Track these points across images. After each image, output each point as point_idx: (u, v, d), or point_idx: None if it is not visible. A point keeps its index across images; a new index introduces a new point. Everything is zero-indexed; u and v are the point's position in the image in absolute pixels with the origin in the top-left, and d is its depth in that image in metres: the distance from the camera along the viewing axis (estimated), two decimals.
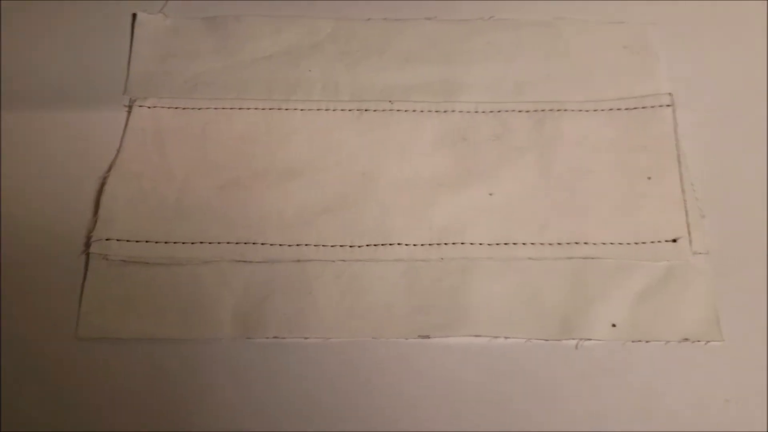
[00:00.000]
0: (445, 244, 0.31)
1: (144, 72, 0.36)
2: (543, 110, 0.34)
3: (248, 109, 0.35)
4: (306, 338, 0.29)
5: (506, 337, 0.29)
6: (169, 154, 0.33)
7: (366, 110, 0.34)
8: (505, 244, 0.31)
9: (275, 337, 0.29)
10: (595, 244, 0.31)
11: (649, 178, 0.32)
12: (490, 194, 0.32)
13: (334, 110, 0.35)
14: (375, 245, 0.31)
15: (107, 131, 0.34)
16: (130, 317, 0.30)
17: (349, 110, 0.34)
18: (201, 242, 0.31)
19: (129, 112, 0.35)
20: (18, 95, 0.36)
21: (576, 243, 0.31)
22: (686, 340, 0.29)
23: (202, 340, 0.29)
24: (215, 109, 0.35)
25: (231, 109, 0.35)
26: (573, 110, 0.34)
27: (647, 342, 0.29)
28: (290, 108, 0.35)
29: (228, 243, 0.31)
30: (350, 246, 0.31)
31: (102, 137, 0.34)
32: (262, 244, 0.31)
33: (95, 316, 0.30)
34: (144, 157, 0.33)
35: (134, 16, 0.37)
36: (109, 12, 0.38)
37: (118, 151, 0.33)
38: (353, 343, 0.29)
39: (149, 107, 0.34)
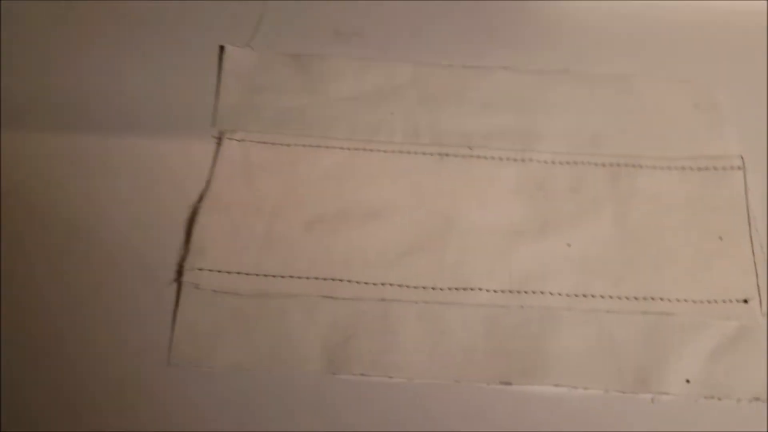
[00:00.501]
0: (525, 292, 0.32)
1: (231, 104, 0.37)
2: (618, 165, 0.35)
3: (333, 147, 0.36)
4: (390, 377, 0.30)
5: (585, 388, 0.30)
6: (258, 187, 0.34)
7: (446, 155, 0.36)
8: (584, 295, 0.32)
9: (361, 375, 0.30)
10: (669, 300, 0.32)
11: (721, 238, 0.34)
12: (568, 245, 0.33)
13: (415, 153, 0.36)
14: (456, 289, 0.32)
15: (195, 160, 0.36)
16: (220, 346, 0.31)
17: (430, 154, 0.36)
18: (290, 276, 0.32)
19: (219, 144, 0.36)
20: (111, 121, 0.37)
21: (651, 298, 0.32)
22: (757, 399, 0.30)
23: (289, 373, 0.30)
24: (302, 146, 0.36)
25: (317, 147, 0.36)
26: (647, 166, 0.35)
27: (720, 399, 0.30)
28: (373, 149, 0.36)
29: (315, 278, 0.32)
30: (432, 288, 0.32)
31: (190, 166, 0.35)
32: (348, 281, 0.32)
33: (187, 344, 0.31)
34: (233, 189, 0.34)
35: (222, 48, 0.38)
36: (196, 42, 0.39)
37: (209, 182, 0.34)
38: (436, 385, 0.30)
39: (238, 140, 0.36)
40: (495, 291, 0.32)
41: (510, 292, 0.32)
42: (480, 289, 0.32)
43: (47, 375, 0.31)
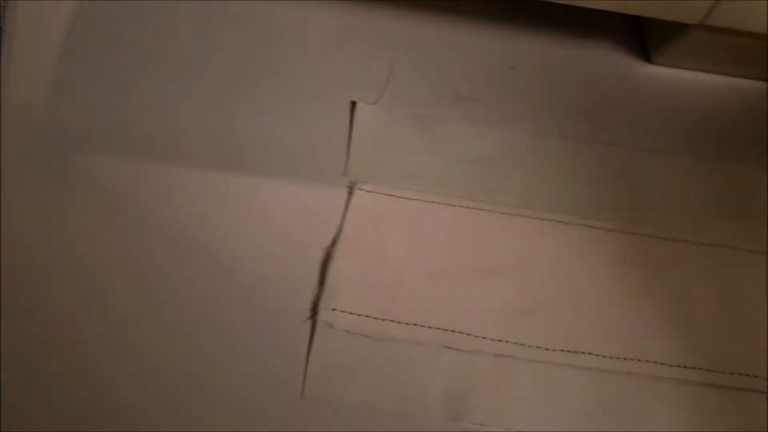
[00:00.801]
0: (631, 359, 0.34)
1: (361, 156, 0.40)
2: (717, 246, 0.38)
3: (455, 206, 0.39)
4: (507, 430, 0.33)
5: None
6: (385, 237, 0.37)
7: (560, 222, 0.38)
8: (684, 367, 0.34)
9: (481, 424, 0.33)
10: (763, 378, 0.34)
11: None
12: (671, 318, 0.36)
13: (530, 218, 0.38)
14: (568, 351, 0.35)
15: (327, 206, 0.38)
16: (349, 384, 0.33)
17: (545, 220, 0.38)
18: (413, 324, 0.35)
19: (350, 194, 0.39)
20: (251, 162, 0.40)
21: (746, 375, 0.34)
22: None
23: (413, 416, 0.33)
24: (426, 201, 0.39)
25: (440, 204, 0.39)
26: (744, 250, 0.38)
27: None
28: (492, 210, 0.39)
29: (437, 328, 0.35)
30: (546, 349, 0.35)
31: (323, 211, 0.38)
32: (467, 334, 0.35)
33: (320, 379, 0.33)
34: (363, 237, 0.37)
35: (353, 103, 0.42)
36: (327, 96, 0.42)
37: (340, 228, 0.37)
38: None
39: (368, 191, 0.39)
40: (604, 356, 0.34)
41: (617, 358, 0.34)
42: (590, 354, 0.34)
43: (189, 405, 0.33)
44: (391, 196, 0.39)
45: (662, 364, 0.35)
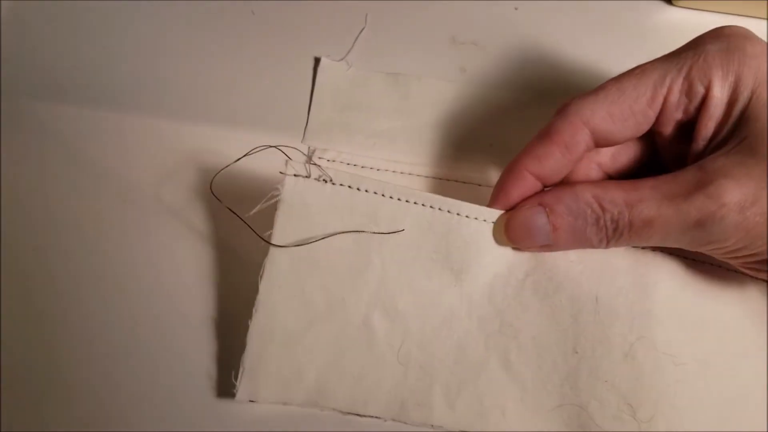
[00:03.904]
0: None
1: (323, 120, 0.36)
2: None
3: (426, 176, 0.34)
4: None
5: None
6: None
7: None
8: None
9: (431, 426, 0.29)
10: None
11: None
12: None
13: None
14: None
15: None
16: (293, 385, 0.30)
17: None
18: None
19: (309, 161, 0.34)
20: (208, 112, 0.36)
21: None
22: None
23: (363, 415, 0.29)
24: (393, 172, 0.34)
25: (409, 174, 0.34)
26: None
27: None
28: (468, 182, 0.34)
29: None
30: None
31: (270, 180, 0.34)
32: None
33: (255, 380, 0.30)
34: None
35: (317, 60, 0.37)
36: (293, 52, 0.38)
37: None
38: None
39: (328, 160, 0.34)
40: None
41: None
42: None
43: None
44: (355, 165, 0.34)
45: None
